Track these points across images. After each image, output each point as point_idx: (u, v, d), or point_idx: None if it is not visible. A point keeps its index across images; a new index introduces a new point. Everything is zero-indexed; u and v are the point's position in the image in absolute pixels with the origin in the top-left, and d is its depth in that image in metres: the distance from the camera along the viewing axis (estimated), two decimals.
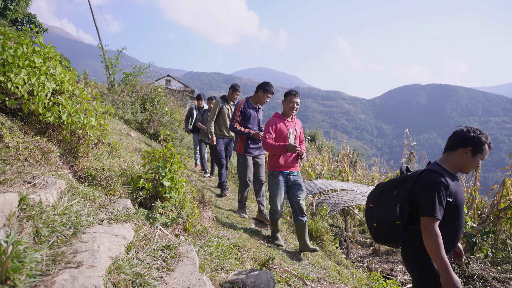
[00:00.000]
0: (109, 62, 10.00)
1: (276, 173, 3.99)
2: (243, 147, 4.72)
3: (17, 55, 2.54)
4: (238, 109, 4.70)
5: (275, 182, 3.98)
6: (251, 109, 4.75)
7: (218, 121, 5.84)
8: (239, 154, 4.74)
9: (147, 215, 2.66)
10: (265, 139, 3.92)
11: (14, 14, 22.58)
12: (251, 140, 4.70)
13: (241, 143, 4.72)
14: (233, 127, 4.67)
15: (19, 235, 1.40)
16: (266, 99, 4.69)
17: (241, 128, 4.64)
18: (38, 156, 2.39)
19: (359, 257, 5.96)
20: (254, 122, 4.82)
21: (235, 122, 4.69)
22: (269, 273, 2.61)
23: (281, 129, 3.95)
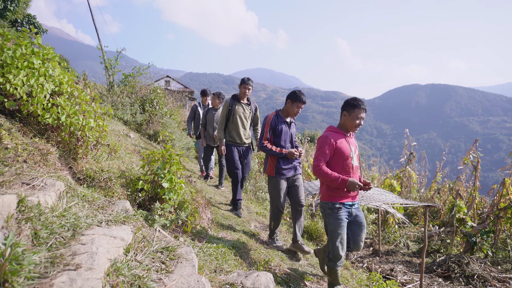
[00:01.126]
0: (108, 63, 9.99)
1: (337, 206, 3.01)
2: (274, 168, 3.95)
3: (16, 56, 2.54)
4: (268, 124, 3.99)
5: (335, 219, 3.00)
6: (282, 124, 4.00)
7: (229, 126, 4.98)
8: (270, 177, 4.00)
9: (146, 217, 2.66)
10: (318, 162, 2.99)
11: (13, 15, 22.57)
12: (283, 159, 3.94)
13: (271, 163, 3.98)
14: (263, 146, 3.95)
15: (18, 237, 1.39)
16: (296, 109, 3.96)
17: (272, 147, 3.91)
18: (37, 157, 2.39)
19: (359, 257, 5.95)
20: (286, 138, 4.04)
21: (264, 139, 3.98)
22: (268, 274, 2.61)
23: (342, 149, 3.01)
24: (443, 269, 5.01)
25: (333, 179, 2.89)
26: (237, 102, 4.95)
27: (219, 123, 5.00)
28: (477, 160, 7.00)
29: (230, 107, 4.92)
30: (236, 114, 4.92)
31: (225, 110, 4.93)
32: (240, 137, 4.94)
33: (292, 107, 3.95)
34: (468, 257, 5.05)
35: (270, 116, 4.05)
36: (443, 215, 7.67)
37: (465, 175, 8.32)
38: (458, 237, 6.49)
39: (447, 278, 4.81)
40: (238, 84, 5.00)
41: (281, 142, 4.00)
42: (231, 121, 4.95)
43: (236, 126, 4.93)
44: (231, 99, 4.97)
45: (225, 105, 4.95)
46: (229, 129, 4.98)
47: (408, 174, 8.73)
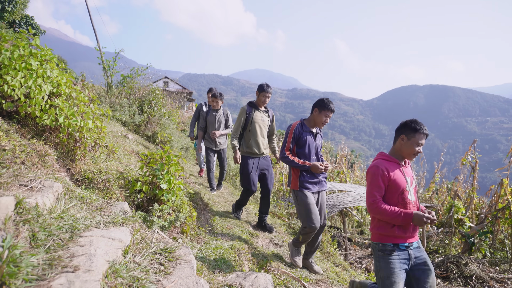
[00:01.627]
0: (106, 64, 9.98)
1: (389, 248, 2.50)
2: (297, 181, 3.55)
3: (13, 58, 2.53)
4: (291, 134, 3.62)
5: (387, 263, 2.47)
6: (307, 134, 3.62)
7: (245, 135, 4.54)
8: (295, 191, 3.58)
9: (144, 218, 2.65)
10: (373, 199, 2.52)
11: (11, 16, 22.54)
12: (307, 172, 3.55)
13: (295, 176, 3.60)
14: (285, 157, 3.57)
15: (15, 239, 1.39)
16: (324, 119, 3.59)
17: (294, 158, 3.52)
18: (35, 159, 2.38)
19: (358, 258, 5.96)
20: (311, 150, 3.65)
21: (286, 150, 3.60)
22: (267, 275, 2.60)
23: (396, 181, 2.55)
24: (442, 269, 5.02)
25: (395, 216, 2.43)
26: (255, 109, 4.51)
27: (234, 131, 4.55)
28: (475, 161, 7.03)
29: (247, 115, 4.46)
30: (255, 123, 4.47)
31: (241, 118, 4.48)
32: (258, 147, 4.49)
33: (319, 116, 3.57)
34: (466, 257, 5.06)
35: (294, 125, 3.67)
36: (441, 215, 7.68)
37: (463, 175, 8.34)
38: (456, 237, 6.51)
39: (446, 279, 4.82)
40: (256, 91, 4.54)
41: (305, 154, 3.62)
42: (248, 129, 4.49)
43: (254, 135, 4.47)
44: (248, 106, 4.53)
45: (241, 113, 4.51)
46: (246, 138, 4.51)
47: None
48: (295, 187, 3.57)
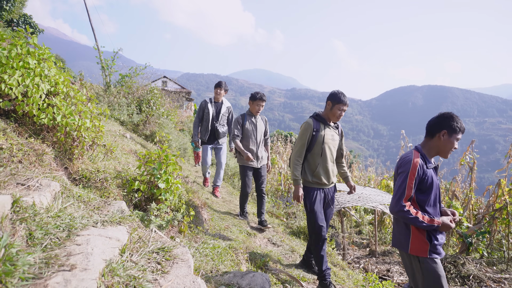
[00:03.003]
0: (105, 63, 9.97)
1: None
2: (427, 244, 2.35)
3: (11, 56, 2.53)
4: (412, 174, 2.36)
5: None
6: (431, 171, 2.46)
7: (310, 158, 3.39)
8: (421, 259, 2.37)
9: (142, 217, 2.65)
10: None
11: (9, 14, 22.47)
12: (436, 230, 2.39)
13: (419, 236, 2.39)
14: (403, 211, 2.32)
15: (12, 237, 1.38)
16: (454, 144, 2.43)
17: (417, 214, 2.32)
18: (32, 158, 2.37)
19: (356, 258, 5.97)
20: (436, 195, 2.49)
21: (405, 200, 2.36)
22: (264, 275, 2.61)
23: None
24: None
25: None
26: (324, 125, 3.39)
27: (297, 155, 3.36)
28: (473, 161, 7.04)
29: (314, 132, 3.32)
30: (325, 144, 3.36)
31: (306, 136, 3.33)
32: (328, 176, 3.42)
33: (449, 141, 2.40)
34: (463, 257, 5.08)
35: (415, 160, 2.40)
36: None
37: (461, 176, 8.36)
38: (454, 237, 6.52)
39: None
40: (329, 101, 3.34)
41: (429, 203, 2.44)
42: (315, 151, 3.37)
43: (324, 160, 3.38)
44: (315, 120, 3.39)
45: (306, 129, 3.34)
46: (311, 164, 3.40)
47: None
48: (422, 253, 2.37)
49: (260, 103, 4.68)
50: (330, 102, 3.29)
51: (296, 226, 5.33)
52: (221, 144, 5.81)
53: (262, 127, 4.86)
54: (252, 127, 4.73)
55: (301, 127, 3.42)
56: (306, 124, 3.38)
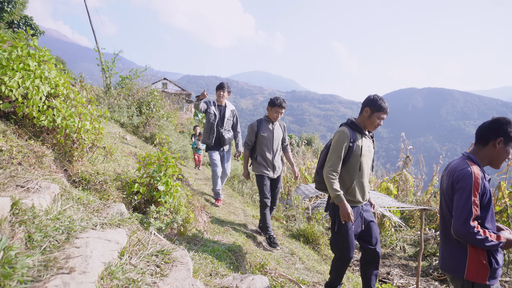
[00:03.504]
0: (105, 65, 10.00)
1: None
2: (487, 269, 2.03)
3: (11, 58, 2.53)
4: (476, 189, 2.03)
5: None
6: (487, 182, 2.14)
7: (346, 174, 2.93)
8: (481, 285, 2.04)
9: (141, 220, 2.65)
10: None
11: (10, 16, 22.52)
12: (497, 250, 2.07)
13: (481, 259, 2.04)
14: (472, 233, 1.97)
15: (11, 240, 1.38)
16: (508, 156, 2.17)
17: (484, 233, 1.99)
18: (32, 160, 2.37)
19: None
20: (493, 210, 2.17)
21: (473, 220, 2.00)
22: (264, 278, 2.60)
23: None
24: (439, 272, 5.01)
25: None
26: (360, 135, 2.96)
27: (332, 167, 2.87)
28: None
29: (351, 143, 2.88)
30: (363, 156, 2.93)
31: (343, 148, 2.86)
32: (363, 193, 3.00)
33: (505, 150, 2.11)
34: None
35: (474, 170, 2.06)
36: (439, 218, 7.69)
37: None
38: None
39: (443, 282, 4.82)
40: (367, 108, 2.89)
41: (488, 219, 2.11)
42: (351, 165, 2.93)
43: (361, 175, 2.96)
44: (350, 129, 2.93)
45: (342, 138, 2.87)
46: (346, 179, 2.95)
47: (405, 178, 8.76)
48: (481, 279, 2.03)
49: (279, 110, 4.29)
50: (369, 108, 2.86)
51: (296, 228, 5.32)
52: (227, 150, 5.39)
53: (280, 134, 4.44)
54: (268, 134, 4.32)
55: (334, 136, 2.95)
56: (341, 133, 2.88)
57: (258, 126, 4.36)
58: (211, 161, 5.28)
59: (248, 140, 4.38)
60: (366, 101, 2.91)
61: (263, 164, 4.29)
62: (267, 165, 4.30)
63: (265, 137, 4.31)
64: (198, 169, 9.62)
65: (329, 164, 2.88)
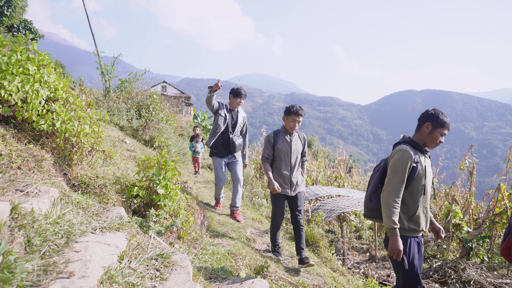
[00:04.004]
0: (104, 69, 10.01)
1: None
2: None
3: (11, 62, 2.53)
4: None
5: None
6: None
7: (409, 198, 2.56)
8: None
9: (140, 223, 2.65)
10: None
11: (10, 20, 22.57)
12: None
13: None
14: None
15: (10, 244, 1.38)
16: None
17: None
18: (31, 164, 2.37)
19: (356, 263, 5.95)
20: None
21: None
22: (263, 281, 2.60)
23: None
24: (440, 274, 5.01)
25: None
26: (422, 155, 2.66)
27: (393, 194, 2.48)
28: (472, 166, 7.05)
29: (415, 164, 2.54)
30: (427, 179, 2.63)
31: (406, 168, 2.49)
32: (427, 220, 2.71)
33: None
34: (464, 262, 5.06)
35: None
36: (439, 220, 7.69)
37: (461, 180, 8.36)
38: (454, 242, 6.51)
39: (444, 284, 4.81)
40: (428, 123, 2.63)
41: None
42: (415, 189, 2.59)
43: (426, 199, 2.65)
44: (412, 147, 2.60)
45: (406, 159, 2.51)
46: (409, 205, 2.60)
47: None
48: None
49: (296, 118, 3.82)
50: (430, 124, 2.59)
51: None
52: (237, 157, 5.02)
53: (299, 146, 3.97)
54: (286, 147, 3.86)
55: (393, 155, 2.59)
56: (403, 152, 2.52)
57: (275, 138, 3.91)
58: (216, 173, 4.97)
59: (266, 154, 3.93)
60: (426, 115, 2.63)
61: (279, 181, 3.84)
62: (283, 181, 3.84)
63: (282, 150, 3.85)
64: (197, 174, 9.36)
65: (389, 188, 2.49)
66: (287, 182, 3.85)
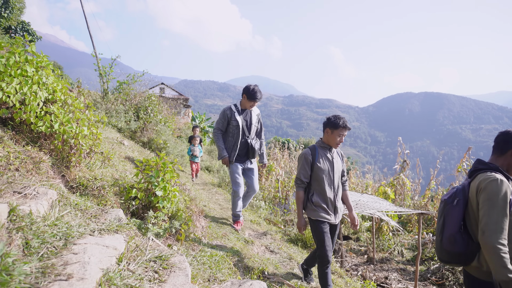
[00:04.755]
0: (103, 70, 10.00)
1: None
2: None
3: (9, 64, 2.53)
4: None
5: None
6: None
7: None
8: None
9: (139, 225, 2.64)
10: None
11: (7, 21, 22.51)
12: None
13: None
14: None
15: (8, 247, 1.37)
16: None
17: None
18: (29, 165, 2.37)
19: (354, 265, 5.94)
20: None
21: None
22: (262, 283, 2.59)
23: None
24: (437, 276, 5.02)
25: None
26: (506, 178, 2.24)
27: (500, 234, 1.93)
28: (470, 168, 7.07)
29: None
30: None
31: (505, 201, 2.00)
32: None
33: None
34: None
35: None
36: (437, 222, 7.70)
37: (459, 182, 8.38)
38: None
39: (441, 286, 4.82)
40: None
41: None
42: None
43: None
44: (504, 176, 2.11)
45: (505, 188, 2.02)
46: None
47: (402, 182, 8.78)
48: None
49: (343, 132, 3.15)
50: None
51: (294, 233, 5.31)
52: (254, 163, 4.55)
53: (340, 165, 3.31)
54: (327, 165, 3.13)
55: (486, 187, 2.04)
56: (501, 182, 2.01)
57: (313, 155, 3.15)
58: (233, 178, 4.37)
59: (303, 176, 3.14)
60: (506, 136, 2.20)
61: (322, 206, 3.10)
62: (327, 206, 3.12)
63: (323, 170, 3.11)
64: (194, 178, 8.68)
65: (491, 229, 1.93)
66: (331, 208, 3.15)
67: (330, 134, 3.16)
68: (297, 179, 3.19)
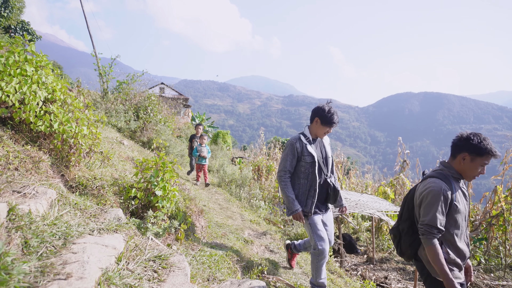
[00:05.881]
0: (102, 70, 9.99)
1: None
2: None
3: (8, 64, 2.53)
4: None
5: None
6: None
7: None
8: None
9: (138, 225, 2.64)
10: None
11: (7, 21, 22.50)
12: None
13: None
14: None
15: (7, 246, 1.37)
16: None
17: None
18: (29, 165, 2.36)
19: (353, 265, 5.95)
20: None
21: None
22: (261, 283, 2.60)
23: None
24: None
25: None
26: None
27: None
28: None
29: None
30: None
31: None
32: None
33: None
34: None
35: None
36: None
37: None
38: None
39: None
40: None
41: None
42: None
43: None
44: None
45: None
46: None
47: (402, 182, 8.78)
48: None
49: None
50: None
51: (294, 233, 5.31)
52: (330, 209, 3.36)
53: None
54: (464, 207, 2.31)
55: None
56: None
57: (452, 196, 2.24)
58: (315, 234, 3.01)
59: (439, 224, 2.17)
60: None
61: (456, 262, 2.30)
62: (462, 262, 2.35)
63: (462, 212, 2.29)
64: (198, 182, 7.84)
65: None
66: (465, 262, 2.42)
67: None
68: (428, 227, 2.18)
